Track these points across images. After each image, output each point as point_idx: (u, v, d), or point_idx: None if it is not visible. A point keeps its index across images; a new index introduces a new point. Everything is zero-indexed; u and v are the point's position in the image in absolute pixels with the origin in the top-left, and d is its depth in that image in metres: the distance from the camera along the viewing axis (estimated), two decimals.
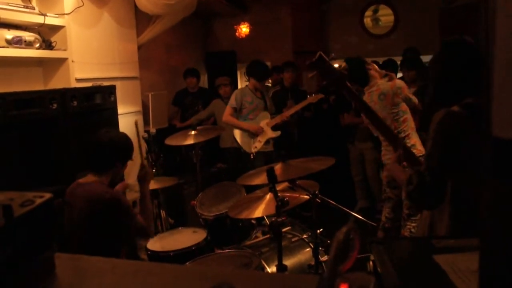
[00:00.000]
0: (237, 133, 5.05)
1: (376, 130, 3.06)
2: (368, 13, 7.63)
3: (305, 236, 3.12)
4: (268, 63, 8.34)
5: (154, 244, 3.12)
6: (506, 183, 0.47)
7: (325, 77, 2.08)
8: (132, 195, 4.86)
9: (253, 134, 5.00)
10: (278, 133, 5.06)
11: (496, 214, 0.49)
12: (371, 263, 1.37)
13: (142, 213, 2.79)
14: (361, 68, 4.02)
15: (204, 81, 7.86)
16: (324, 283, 0.57)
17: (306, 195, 2.68)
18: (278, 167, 2.74)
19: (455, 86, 2.01)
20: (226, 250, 2.99)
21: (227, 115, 5.00)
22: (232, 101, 5.02)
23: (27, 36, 3.67)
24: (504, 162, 0.47)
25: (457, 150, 1.87)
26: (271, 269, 2.77)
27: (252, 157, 4.94)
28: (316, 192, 2.64)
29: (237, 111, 5.02)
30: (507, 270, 0.50)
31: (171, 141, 4.14)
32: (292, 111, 5.17)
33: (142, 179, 2.89)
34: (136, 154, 2.97)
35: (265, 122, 5.05)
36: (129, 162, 2.88)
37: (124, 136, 2.84)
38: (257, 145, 4.97)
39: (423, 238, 1.93)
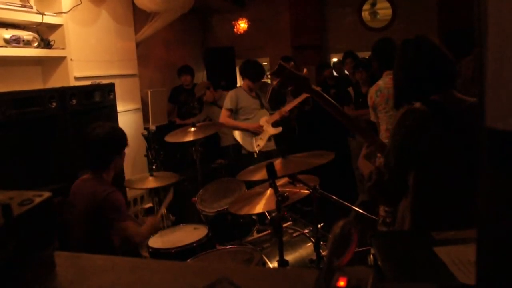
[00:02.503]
0: (237, 134, 4.91)
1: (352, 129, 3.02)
2: (366, 6, 7.62)
3: (306, 231, 3.13)
4: (267, 59, 8.38)
5: (156, 241, 3.13)
6: (501, 173, 0.48)
7: (289, 83, 2.13)
8: (133, 193, 4.87)
9: (254, 133, 4.86)
10: (280, 129, 4.94)
11: (491, 204, 0.49)
12: (371, 256, 1.38)
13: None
14: (391, 49, 3.77)
15: (203, 77, 7.86)
16: (322, 277, 0.57)
17: (307, 190, 2.69)
18: (278, 162, 2.73)
19: (416, 85, 1.96)
20: (228, 246, 2.99)
21: (224, 118, 4.84)
22: (227, 103, 4.85)
23: (26, 35, 3.67)
24: (498, 152, 0.47)
25: (415, 146, 1.84)
26: (273, 264, 2.78)
27: (255, 156, 4.78)
28: (317, 186, 2.64)
29: (234, 113, 4.86)
30: (504, 260, 0.50)
31: (171, 138, 4.14)
32: (290, 106, 5.07)
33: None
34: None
35: (264, 119, 4.92)
36: (131, 159, 2.89)
37: (113, 128, 2.83)
38: (259, 143, 4.83)
39: (423, 231, 1.93)
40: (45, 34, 4.01)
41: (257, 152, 4.82)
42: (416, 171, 1.89)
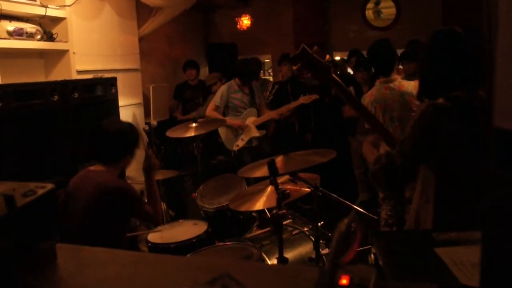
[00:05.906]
0: (221, 130, 4.99)
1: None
2: (370, 5, 7.60)
3: (306, 229, 3.12)
4: (269, 56, 8.37)
5: (155, 236, 3.13)
6: (508, 172, 0.47)
7: (310, 69, 2.07)
8: (136, 187, 4.86)
9: (236, 131, 4.96)
10: (263, 132, 5.02)
11: (497, 204, 0.49)
12: (372, 255, 1.38)
13: (150, 203, 2.78)
14: (385, 52, 3.63)
15: (205, 73, 7.84)
16: (326, 274, 0.57)
17: (307, 188, 2.68)
18: (279, 160, 2.73)
19: (443, 78, 1.95)
20: (227, 243, 2.99)
21: (210, 110, 4.95)
22: (217, 99, 4.94)
23: (29, 27, 3.66)
24: (506, 152, 0.47)
25: (434, 140, 1.84)
26: (272, 261, 2.78)
27: (233, 154, 4.93)
28: (317, 185, 2.63)
29: (220, 108, 4.95)
30: (509, 261, 0.50)
31: (172, 133, 4.13)
32: (281, 110, 5.07)
33: (148, 169, 2.86)
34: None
35: (251, 119, 4.98)
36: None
37: (131, 126, 2.83)
38: (239, 143, 4.93)
39: (424, 231, 1.93)
40: (48, 27, 4.01)
41: (235, 151, 4.94)
42: (438, 172, 1.88)
